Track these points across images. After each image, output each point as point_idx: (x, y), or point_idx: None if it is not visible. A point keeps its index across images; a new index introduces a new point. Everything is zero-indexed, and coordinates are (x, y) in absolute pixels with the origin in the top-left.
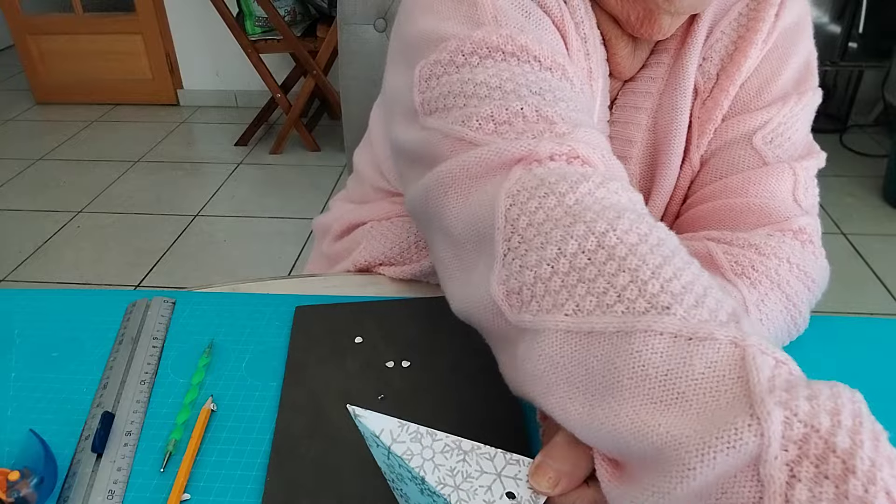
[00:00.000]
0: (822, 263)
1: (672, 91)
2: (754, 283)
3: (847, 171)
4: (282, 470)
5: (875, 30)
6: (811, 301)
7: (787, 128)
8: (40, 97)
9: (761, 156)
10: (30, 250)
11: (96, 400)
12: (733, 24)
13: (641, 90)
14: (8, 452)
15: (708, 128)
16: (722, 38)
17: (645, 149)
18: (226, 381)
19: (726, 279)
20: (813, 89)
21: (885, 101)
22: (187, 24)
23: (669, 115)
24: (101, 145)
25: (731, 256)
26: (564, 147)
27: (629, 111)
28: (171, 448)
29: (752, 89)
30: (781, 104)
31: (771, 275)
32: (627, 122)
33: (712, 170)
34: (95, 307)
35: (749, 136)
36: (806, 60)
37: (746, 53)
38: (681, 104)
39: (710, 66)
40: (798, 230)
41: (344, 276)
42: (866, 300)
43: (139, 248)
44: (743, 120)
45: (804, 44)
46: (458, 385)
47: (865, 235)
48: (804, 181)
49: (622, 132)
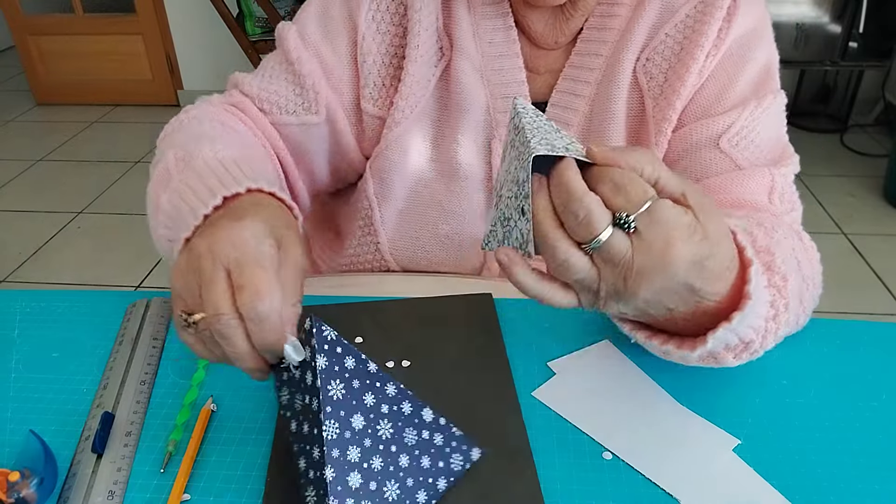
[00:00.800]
0: (815, 257)
1: (608, 83)
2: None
3: (847, 171)
4: (282, 470)
5: (875, 29)
6: (806, 293)
7: (750, 131)
8: (40, 98)
9: (732, 159)
10: (30, 251)
11: (96, 400)
12: (679, 27)
13: (581, 78)
14: (8, 453)
15: (664, 127)
16: (666, 39)
17: (580, 133)
18: (226, 381)
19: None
20: (773, 92)
21: (885, 100)
22: (187, 25)
23: (604, 105)
24: (102, 146)
25: (744, 222)
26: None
27: (568, 96)
28: (171, 448)
29: (712, 94)
30: (741, 108)
31: (781, 242)
32: (566, 107)
33: (686, 173)
34: (95, 307)
35: (715, 139)
36: (765, 66)
37: (694, 56)
38: (614, 95)
39: (654, 66)
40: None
41: (344, 277)
42: (867, 300)
43: (139, 249)
44: (706, 124)
45: (762, 50)
46: (457, 385)
47: (866, 235)
48: (781, 187)
49: (560, 115)
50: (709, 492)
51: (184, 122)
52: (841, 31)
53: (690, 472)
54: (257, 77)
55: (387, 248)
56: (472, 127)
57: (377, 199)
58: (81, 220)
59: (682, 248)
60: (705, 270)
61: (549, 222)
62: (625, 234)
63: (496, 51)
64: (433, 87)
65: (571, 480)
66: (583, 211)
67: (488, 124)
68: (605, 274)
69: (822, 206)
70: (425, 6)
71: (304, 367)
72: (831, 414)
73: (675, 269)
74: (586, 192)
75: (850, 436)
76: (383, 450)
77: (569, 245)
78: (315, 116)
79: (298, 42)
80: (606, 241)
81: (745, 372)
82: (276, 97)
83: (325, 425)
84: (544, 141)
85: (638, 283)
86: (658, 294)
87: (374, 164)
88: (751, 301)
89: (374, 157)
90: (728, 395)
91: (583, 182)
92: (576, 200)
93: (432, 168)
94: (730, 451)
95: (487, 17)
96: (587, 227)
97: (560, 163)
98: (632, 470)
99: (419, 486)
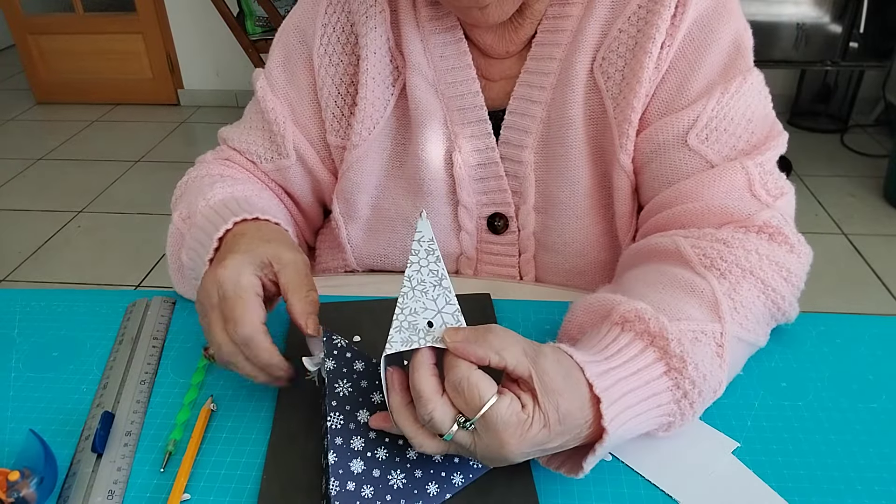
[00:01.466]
0: (801, 251)
1: (563, 86)
2: (724, 274)
3: (848, 171)
4: (278, 467)
5: (876, 30)
6: (793, 290)
7: (721, 121)
8: (41, 97)
9: (703, 156)
10: (30, 250)
11: (96, 400)
12: (632, 20)
13: (536, 84)
14: (8, 452)
15: (626, 129)
16: (620, 35)
17: (539, 140)
18: (226, 381)
19: (696, 272)
20: (744, 72)
21: (885, 100)
22: (188, 24)
23: (561, 110)
24: (102, 145)
25: (698, 249)
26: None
27: (525, 103)
28: (171, 448)
29: (672, 88)
30: (707, 98)
31: (741, 263)
32: (524, 114)
33: (657, 176)
34: (95, 307)
35: (682, 137)
36: (732, 44)
37: (647, 50)
38: (570, 99)
39: (610, 65)
40: (762, 226)
41: (344, 276)
42: (866, 300)
43: (139, 249)
44: (669, 122)
45: (727, 27)
46: None
47: (866, 235)
48: (759, 176)
49: (518, 122)
50: (708, 494)
51: (187, 183)
52: (841, 31)
53: (690, 474)
54: (238, 129)
55: (355, 265)
56: (432, 141)
57: (343, 218)
58: (81, 219)
59: (515, 445)
60: (549, 450)
61: (403, 418)
62: (468, 431)
63: (448, 64)
64: (392, 107)
65: (571, 482)
66: (427, 415)
67: (447, 137)
68: (465, 450)
69: (823, 206)
70: (371, 30)
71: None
72: (831, 416)
73: (514, 459)
74: (430, 398)
75: (849, 438)
76: (389, 442)
77: (424, 437)
78: (286, 160)
79: (266, 89)
80: (453, 437)
81: (744, 374)
82: (255, 147)
83: (329, 416)
84: (409, 321)
85: (496, 461)
86: (527, 456)
87: (339, 186)
88: (608, 434)
89: (339, 178)
90: (727, 397)
91: (430, 382)
92: (422, 404)
93: (396, 185)
94: (729, 453)
95: (436, 32)
96: (434, 427)
97: (414, 358)
98: (632, 472)
99: (430, 479)
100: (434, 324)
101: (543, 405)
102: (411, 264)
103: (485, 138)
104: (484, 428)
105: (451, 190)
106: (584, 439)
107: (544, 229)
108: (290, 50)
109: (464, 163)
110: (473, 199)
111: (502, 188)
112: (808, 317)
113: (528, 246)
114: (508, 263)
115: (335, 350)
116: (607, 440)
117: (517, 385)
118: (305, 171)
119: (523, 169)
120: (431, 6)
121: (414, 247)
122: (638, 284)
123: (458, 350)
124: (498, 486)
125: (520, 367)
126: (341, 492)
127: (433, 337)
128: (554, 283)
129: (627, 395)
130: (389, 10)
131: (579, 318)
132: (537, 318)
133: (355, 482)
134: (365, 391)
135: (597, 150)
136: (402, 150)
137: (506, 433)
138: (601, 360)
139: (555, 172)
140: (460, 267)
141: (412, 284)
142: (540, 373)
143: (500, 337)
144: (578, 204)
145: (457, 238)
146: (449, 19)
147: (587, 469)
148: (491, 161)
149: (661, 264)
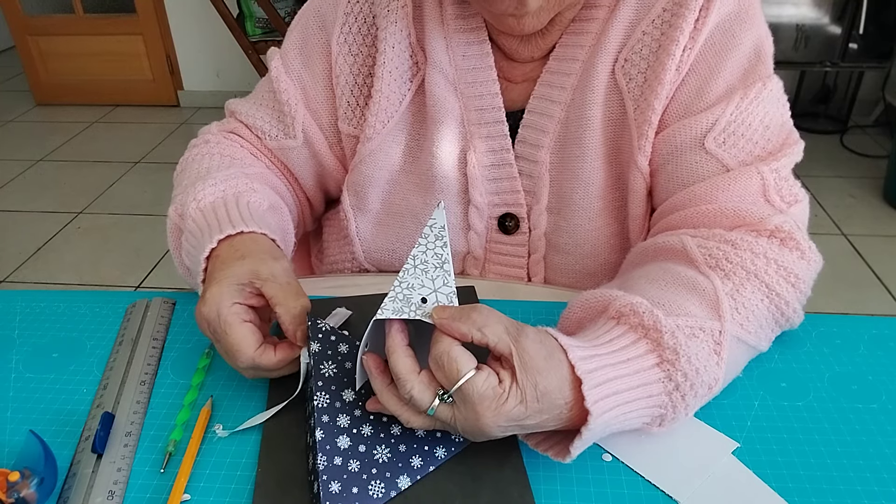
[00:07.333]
0: (811, 258)
1: (583, 88)
2: (728, 275)
3: (847, 172)
4: (273, 461)
5: (875, 30)
6: (799, 296)
7: (739, 125)
8: (41, 98)
9: (719, 160)
10: (30, 251)
11: (96, 400)
12: (656, 23)
13: (557, 84)
14: (8, 453)
15: (645, 130)
16: (643, 38)
17: (556, 140)
18: (226, 381)
19: (699, 271)
20: (764, 78)
21: (885, 101)
22: (188, 26)
23: (580, 111)
24: (102, 146)
25: (704, 249)
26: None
27: (545, 103)
28: (171, 448)
29: (692, 90)
30: (726, 102)
31: (746, 265)
32: (542, 114)
33: (672, 178)
34: (95, 308)
35: (699, 140)
36: (753, 50)
37: (670, 52)
38: (590, 100)
39: (632, 66)
40: (774, 230)
41: (344, 277)
42: (866, 300)
43: (139, 249)
44: (688, 124)
45: (749, 33)
46: None
47: (866, 236)
48: (774, 182)
49: (537, 121)
50: (708, 494)
51: (188, 160)
52: (841, 32)
53: (690, 474)
54: (248, 103)
55: (363, 259)
56: (447, 139)
57: (353, 210)
58: (81, 220)
59: (490, 418)
60: (527, 427)
61: (388, 398)
62: (448, 405)
63: (470, 64)
64: (408, 102)
65: (571, 482)
66: (407, 393)
67: (463, 136)
68: (448, 425)
69: (822, 207)
70: (392, 24)
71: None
72: (830, 416)
73: (491, 433)
74: (408, 377)
75: (849, 438)
76: (374, 419)
77: (410, 414)
78: (293, 141)
79: (281, 70)
80: (435, 412)
81: (744, 375)
82: (262, 123)
83: (315, 396)
84: (404, 294)
85: (475, 435)
86: (504, 430)
87: (350, 178)
88: (592, 416)
89: (350, 170)
90: (727, 398)
91: (406, 363)
92: (402, 384)
93: (408, 180)
94: (729, 453)
95: (460, 30)
96: (416, 403)
97: (388, 343)
98: (631, 472)
99: (413, 452)
100: (428, 301)
101: (521, 381)
102: (418, 245)
103: (501, 139)
104: (461, 400)
105: (463, 189)
106: (566, 421)
107: (556, 230)
108: (309, 34)
109: (478, 162)
110: (485, 198)
111: (515, 189)
112: (807, 317)
113: (538, 247)
114: (517, 264)
115: (319, 333)
116: (592, 423)
117: (499, 363)
118: (311, 154)
119: (538, 169)
120: (458, 4)
121: (425, 231)
122: (640, 281)
123: (444, 326)
124: (490, 473)
125: (500, 344)
126: (329, 466)
127: (423, 312)
128: (563, 285)
129: (614, 381)
130: (413, 6)
131: (577, 313)
132: (549, 321)
133: (342, 457)
134: (349, 372)
135: (613, 152)
136: (416, 146)
137: (481, 406)
138: (588, 346)
139: (569, 173)
140: (466, 267)
141: (415, 263)
142: (520, 351)
143: (484, 315)
144: (592, 205)
145: (465, 237)
146: (475, 20)
147: (574, 454)
148: (505, 162)
149: (666, 262)
